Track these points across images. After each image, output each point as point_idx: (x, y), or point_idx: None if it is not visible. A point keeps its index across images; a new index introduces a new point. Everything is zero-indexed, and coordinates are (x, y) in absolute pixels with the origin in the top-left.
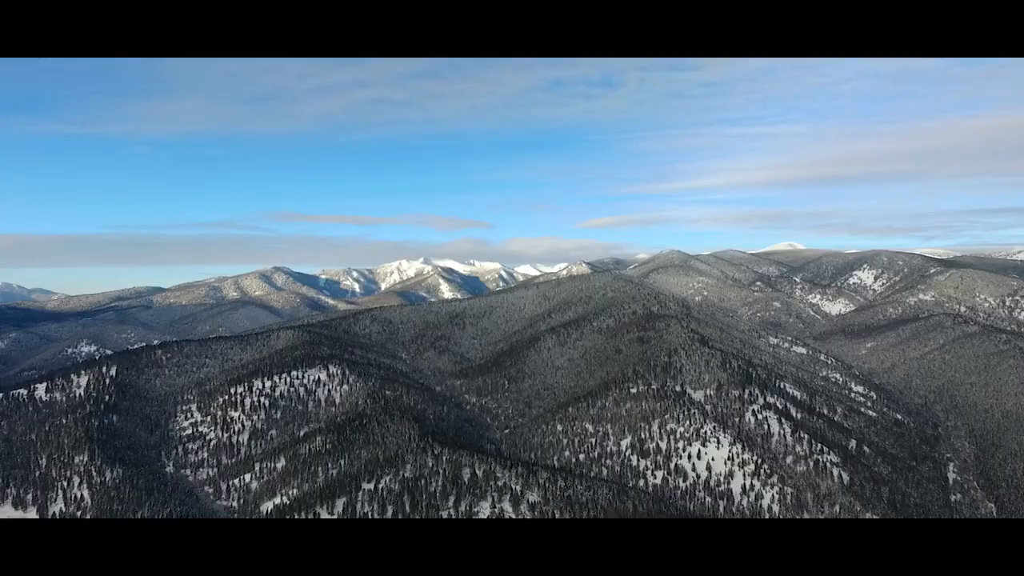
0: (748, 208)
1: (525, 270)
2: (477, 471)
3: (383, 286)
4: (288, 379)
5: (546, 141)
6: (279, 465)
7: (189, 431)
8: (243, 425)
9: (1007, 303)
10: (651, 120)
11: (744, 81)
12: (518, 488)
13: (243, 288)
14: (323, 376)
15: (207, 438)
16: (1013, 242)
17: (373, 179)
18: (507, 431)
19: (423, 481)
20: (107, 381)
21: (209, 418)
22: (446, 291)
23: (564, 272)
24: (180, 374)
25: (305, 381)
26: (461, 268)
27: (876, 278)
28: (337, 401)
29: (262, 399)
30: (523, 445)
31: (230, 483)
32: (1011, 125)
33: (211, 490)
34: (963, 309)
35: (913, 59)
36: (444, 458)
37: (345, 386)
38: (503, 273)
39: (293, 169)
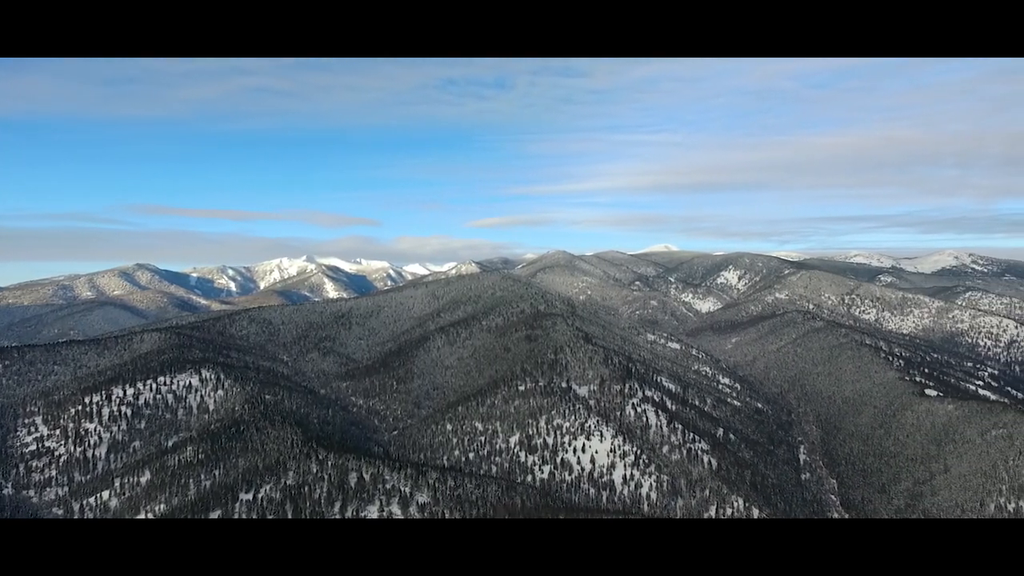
0: (629, 211)
1: (414, 269)
2: (364, 475)
3: (262, 285)
4: (154, 386)
5: (437, 139)
6: (143, 479)
7: (33, 447)
8: (100, 438)
9: (846, 301)
10: (541, 123)
11: (628, 90)
12: (407, 490)
13: (100, 287)
14: (194, 381)
15: (55, 454)
16: (851, 247)
17: (252, 172)
18: (396, 432)
19: (307, 488)
20: None
21: (58, 431)
22: (331, 290)
23: (453, 271)
24: (21, 383)
25: (174, 387)
26: (347, 267)
27: (740, 278)
28: (211, 408)
29: (123, 408)
30: (412, 446)
31: (84, 502)
32: (851, 143)
33: (61, 511)
34: (811, 306)
35: (772, 80)
36: (329, 463)
37: (220, 391)
38: (391, 272)
39: (161, 159)
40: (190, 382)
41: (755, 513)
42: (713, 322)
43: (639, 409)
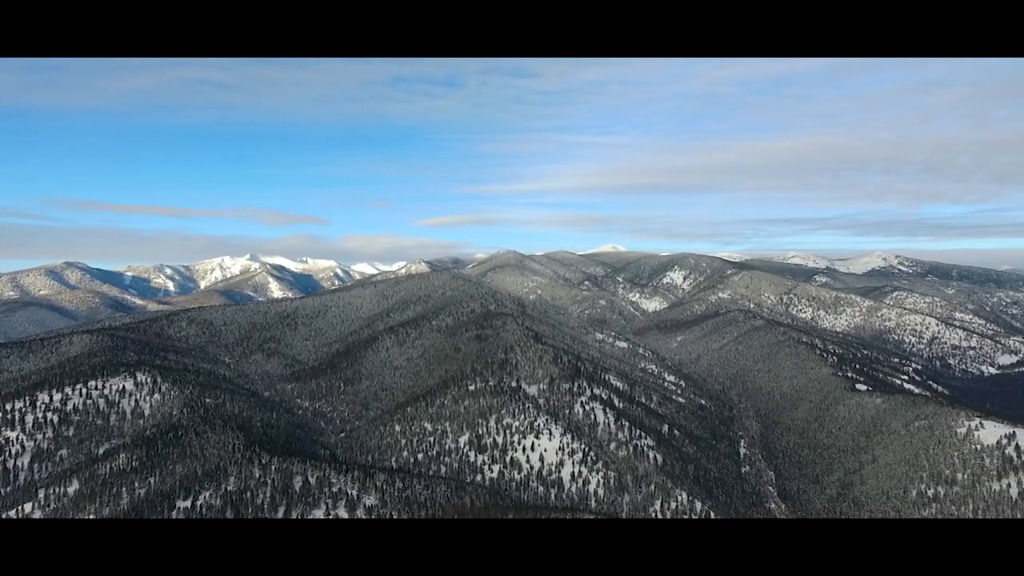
0: (578, 212)
1: (362, 268)
2: (310, 478)
3: (203, 284)
4: (84, 390)
5: (386, 137)
6: (71, 489)
7: None
8: (23, 447)
9: (784, 300)
10: (491, 123)
11: (578, 92)
12: (354, 493)
13: (24, 286)
14: (128, 385)
15: None
16: (789, 248)
17: (192, 168)
18: (343, 435)
19: (249, 493)
20: None
21: None
22: (276, 290)
23: (403, 271)
24: None
25: (106, 392)
26: (293, 266)
27: (685, 278)
28: (146, 412)
29: (49, 415)
30: (360, 448)
31: (4, 515)
32: (790, 148)
33: None
34: (751, 306)
35: (717, 85)
36: (273, 467)
37: (156, 395)
38: (339, 271)
39: (91, 152)
40: (124, 386)
41: (697, 506)
42: (659, 321)
43: (587, 407)
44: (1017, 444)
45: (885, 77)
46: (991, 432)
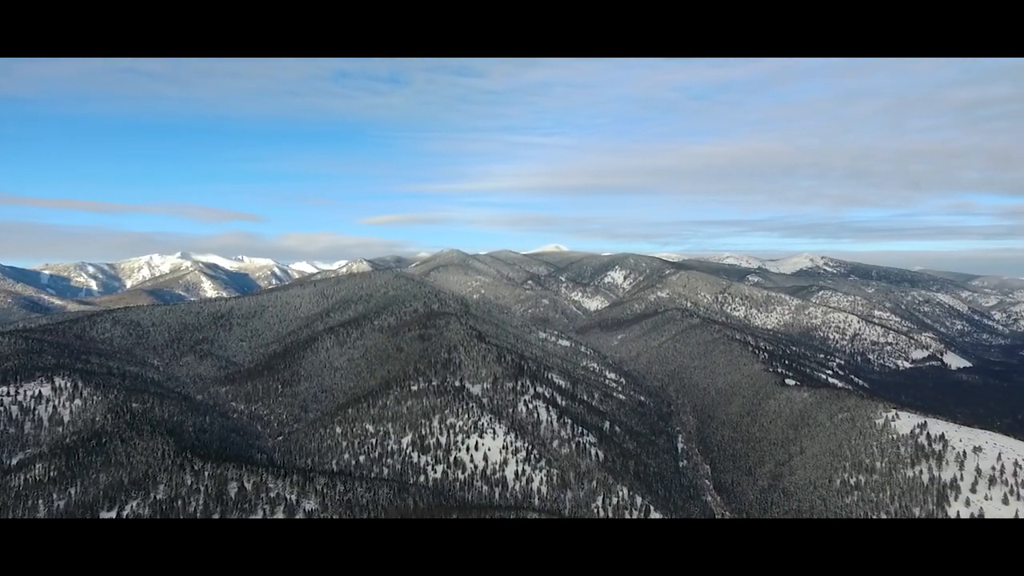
0: (522, 211)
1: (301, 267)
2: (246, 484)
3: (129, 284)
4: None
5: (328, 133)
6: None
7: None
8: None
9: (719, 299)
10: (437, 121)
11: (522, 92)
12: (293, 497)
13: None
14: (46, 391)
15: None
16: (724, 248)
17: (118, 161)
18: (280, 438)
19: (180, 502)
20: None
21: None
22: (209, 289)
23: (344, 270)
24: None
25: (20, 398)
26: (227, 264)
27: (625, 278)
28: (66, 419)
29: None
30: (299, 451)
31: None
32: (725, 152)
33: None
34: (689, 304)
35: (657, 90)
36: (206, 473)
37: (77, 401)
38: (276, 270)
39: (4, 142)
40: (40, 391)
41: (638, 501)
42: (601, 320)
43: (531, 405)
44: (928, 433)
45: (813, 87)
46: (905, 422)
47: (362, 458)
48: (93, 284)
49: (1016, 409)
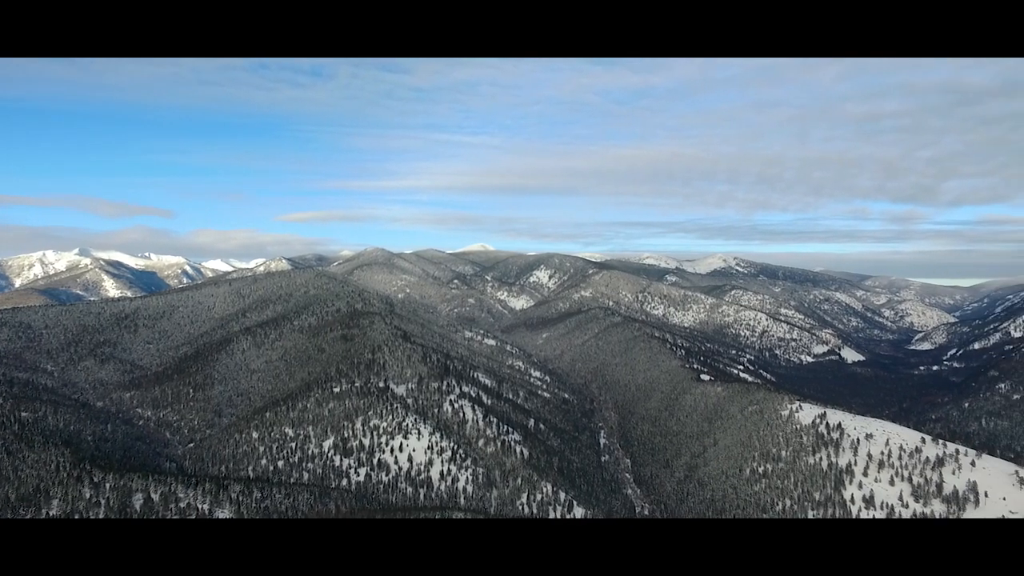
0: (448, 210)
1: (215, 265)
2: (153, 494)
3: (18, 282)
4: None
5: (245, 126)
6: None
7: None
8: None
9: (639, 298)
10: (361, 117)
11: (449, 91)
12: (205, 507)
13: None
14: None
15: None
16: (643, 249)
17: (6, 148)
18: (191, 445)
19: (78, 516)
20: None
21: None
22: (111, 288)
23: (261, 268)
24: None
25: None
26: (132, 262)
27: (550, 277)
28: None
29: None
30: (212, 458)
31: None
32: (646, 156)
33: None
34: (611, 303)
35: (581, 93)
36: (107, 485)
37: None
38: (188, 268)
39: None
40: None
41: (562, 496)
42: (526, 319)
43: (456, 405)
44: (827, 423)
45: (727, 96)
46: (808, 413)
47: (281, 463)
48: None
49: (902, 398)
